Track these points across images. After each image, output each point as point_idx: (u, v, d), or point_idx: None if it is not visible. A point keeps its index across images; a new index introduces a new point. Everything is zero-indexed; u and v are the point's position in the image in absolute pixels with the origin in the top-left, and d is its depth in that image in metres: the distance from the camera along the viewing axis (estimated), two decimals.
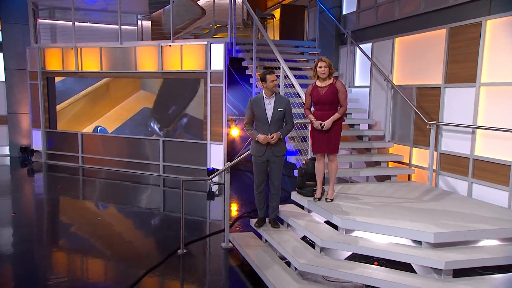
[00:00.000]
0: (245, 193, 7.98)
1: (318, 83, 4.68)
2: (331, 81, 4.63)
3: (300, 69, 7.92)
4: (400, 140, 6.38)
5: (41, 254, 4.91)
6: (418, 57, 6.04)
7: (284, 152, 4.65)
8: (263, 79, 4.53)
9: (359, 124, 6.77)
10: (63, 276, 4.32)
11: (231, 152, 10.16)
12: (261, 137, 4.53)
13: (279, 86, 5.95)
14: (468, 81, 5.21)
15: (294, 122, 4.85)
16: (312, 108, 4.82)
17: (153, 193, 8.24)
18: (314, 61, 4.72)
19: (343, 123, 4.78)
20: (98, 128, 9.79)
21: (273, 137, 4.49)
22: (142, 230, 5.85)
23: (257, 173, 4.72)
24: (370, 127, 6.92)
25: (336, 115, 4.57)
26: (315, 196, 4.83)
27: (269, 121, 4.53)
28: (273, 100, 4.55)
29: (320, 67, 4.58)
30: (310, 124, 4.87)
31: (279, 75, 6.34)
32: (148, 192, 8.23)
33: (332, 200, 4.75)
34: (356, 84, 7.48)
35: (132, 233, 5.74)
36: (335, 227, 4.30)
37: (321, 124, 4.60)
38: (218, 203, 7.69)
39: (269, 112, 4.53)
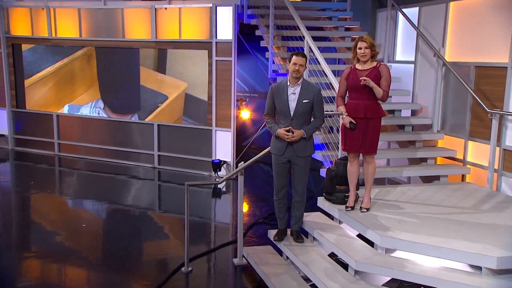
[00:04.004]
0: (258, 189, 8.08)
1: (358, 66, 4.66)
2: (374, 64, 4.60)
3: (326, 38, 7.83)
4: (452, 130, 6.33)
5: (12, 270, 5.02)
6: (478, 27, 5.92)
7: (310, 152, 4.67)
8: (290, 60, 4.54)
9: (400, 110, 6.72)
10: None
11: (240, 137, 10.20)
12: (281, 131, 4.54)
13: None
14: None
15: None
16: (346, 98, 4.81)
17: (146, 189, 8.36)
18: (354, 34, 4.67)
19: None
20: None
21: (293, 132, 4.50)
22: (136, 239, 5.95)
23: (277, 176, 4.75)
24: (414, 113, 6.86)
25: (378, 88, 4.52)
26: (347, 205, 4.86)
27: (292, 114, 4.53)
28: (299, 88, 4.54)
29: (360, 48, 4.54)
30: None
31: (303, 47, 6.30)
32: (140, 188, 8.35)
33: (368, 209, 4.77)
34: (397, 58, 7.39)
35: (124, 242, 5.83)
36: (370, 241, 4.34)
37: (351, 122, 4.60)
38: (226, 202, 7.80)
39: (292, 104, 4.53)
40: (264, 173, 9.07)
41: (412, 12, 6.93)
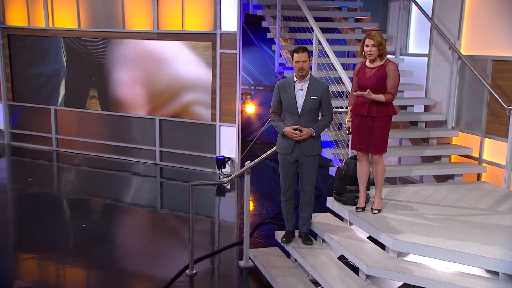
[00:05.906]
0: (263, 186, 8.09)
1: (368, 63, 4.64)
2: (382, 62, 4.58)
3: (336, 30, 7.80)
4: (467, 127, 6.31)
5: (9, 271, 5.05)
6: (496, 19, 5.88)
7: (318, 151, 4.68)
8: (292, 58, 4.55)
9: (413, 106, 6.70)
10: None
11: (245, 132, 10.20)
12: (288, 129, 4.55)
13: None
14: None
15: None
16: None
17: (148, 186, 8.38)
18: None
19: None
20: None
21: (301, 130, 4.51)
22: (138, 239, 5.98)
23: (284, 176, 4.77)
24: (427, 109, 6.84)
25: (380, 97, 4.53)
26: (357, 206, 4.86)
27: (299, 111, 4.54)
28: (306, 84, 4.54)
29: (367, 45, 4.52)
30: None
31: (312, 39, 6.29)
32: (141, 185, 8.38)
33: (379, 211, 4.77)
34: (410, 51, 7.36)
35: (126, 243, 5.88)
36: (381, 244, 4.35)
37: (349, 128, 4.75)
38: (230, 201, 7.82)
39: (300, 100, 4.54)
40: (270, 170, 9.08)
41: (426, 2, 6.87)
